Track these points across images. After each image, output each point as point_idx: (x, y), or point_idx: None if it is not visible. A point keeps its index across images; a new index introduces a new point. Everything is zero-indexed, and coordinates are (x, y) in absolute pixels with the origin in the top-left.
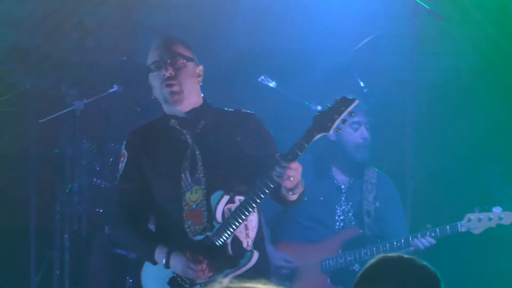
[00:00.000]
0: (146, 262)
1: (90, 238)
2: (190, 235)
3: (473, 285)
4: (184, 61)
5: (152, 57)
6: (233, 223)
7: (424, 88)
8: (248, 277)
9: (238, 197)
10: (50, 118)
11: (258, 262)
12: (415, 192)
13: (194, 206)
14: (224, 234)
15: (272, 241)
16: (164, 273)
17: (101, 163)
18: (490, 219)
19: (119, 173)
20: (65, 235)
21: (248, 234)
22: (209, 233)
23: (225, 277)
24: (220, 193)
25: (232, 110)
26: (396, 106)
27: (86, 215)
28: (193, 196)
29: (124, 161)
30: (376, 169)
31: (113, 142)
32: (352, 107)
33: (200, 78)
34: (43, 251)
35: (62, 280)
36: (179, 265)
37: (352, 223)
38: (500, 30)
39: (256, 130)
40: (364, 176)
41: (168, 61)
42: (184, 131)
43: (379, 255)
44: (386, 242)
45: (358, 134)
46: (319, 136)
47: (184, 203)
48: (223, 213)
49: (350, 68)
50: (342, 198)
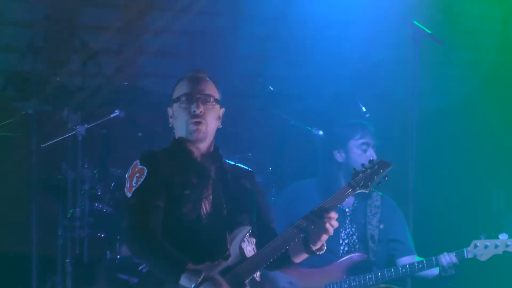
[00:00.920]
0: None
1: (92, 263)
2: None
3: None
4: (214, 102)
5: (183, 88)
6: (263, 262)
7: (426, 112)
8: None
9: (251, 238)
10: (52, 142)
11: None
12: (418, 217)
13: (209, 234)
14: (252, 272)
15: None
16: None
17: (102, 188)
18: (497, 246)
19: (135, 186)
20: (67, 260)
21: None
22: (229, 264)
23: None
24: (239, 227)
25: (233, 163)
26: (398, 130)
27: (88, 240)
28: (210, 224)
29: (143, 176)
30: (380, 192)
31: (114, 166)
32: (388, 170)
33: (220, 121)
34: (45, 276)
35: None
36: None
37: (356, 247)
38: (501, 54)
39: (257, 185)
40: (368, 199)
41: (200, 98)
42: (207, 165)
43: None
44: (391, 268)
45: (366, 156)
46: (358, 192)
47: (200, 229)
48: (241, 248)
49: (352, 93)
50: (347, 221)
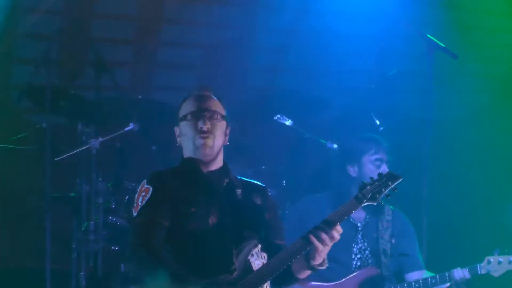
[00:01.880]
0: None
1: (106, 276)
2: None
3: None
4: (220, 118)
5: (189, 107)
6: (269, 275)
7: (440, 125)
8: None
9: (262, 253)
10: (66, 156)
11: None
12: (431, 231)
13: (215, 250)
14: (258, 284)
15: None
16: None
17: (116, 201)
18: (510, 262)
19: (140, 205)
20: (81, 273)
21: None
22: (235, 277)
23: None
24: (246, 242)
25: (246, 179)
26: (411, 143)
27: (102, 253)
28: (216, 240)
29: (148, 195)
30: (391, 206)
31: (128, 180)
32: (397, 183)
33: (227, 138)
34: None
35: None
36: None
37: (369, 261)
38: None
39: (269, 200)
40: (379, 214)
41: (207, 114)
42: (215, 181)
43: None
44: (405, 283)
45: (380, 171)
46: (366, 204)
47: (206, 246)
48: (248, 262)
49: (366, 105)
50: (359, 236)
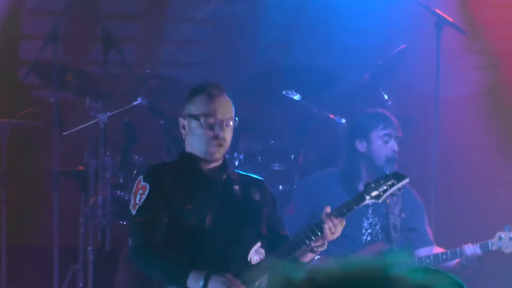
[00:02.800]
0: None
1: (114, 251)
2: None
3: None
4: (232, 122)
5: (202, 106)
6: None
7: (448, 101)
8: None
9: (261, 249)
10: (74, 130)
11: None
12: (440, 208)
13: (214, 247)
14: (259, 277)
15: None
16: None
17: (124, 176)
18: None
19: (138, 204)
20: (88, 248)
21: None
22: (235, 272)
23: None
24: (246, 238)
25: (243, 173)
26: (419, 119)
27: (110, 228)
28: (215, 237)
29: (145, 193)
30: None
31: (136, 154)
32: (403, 183)
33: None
34: (67, 264)
35: None
36: (219, 286)
37: (379, 236)
38: None
39: (268, 193)
40: None
41: (224, 121)
42: (213, 177)
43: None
44: (415, 258)
45: (388, 146)
46: (370, 202)
47: (204, 243)
48: (248, 258)
49: (374, 81)
50: (369, 211)
